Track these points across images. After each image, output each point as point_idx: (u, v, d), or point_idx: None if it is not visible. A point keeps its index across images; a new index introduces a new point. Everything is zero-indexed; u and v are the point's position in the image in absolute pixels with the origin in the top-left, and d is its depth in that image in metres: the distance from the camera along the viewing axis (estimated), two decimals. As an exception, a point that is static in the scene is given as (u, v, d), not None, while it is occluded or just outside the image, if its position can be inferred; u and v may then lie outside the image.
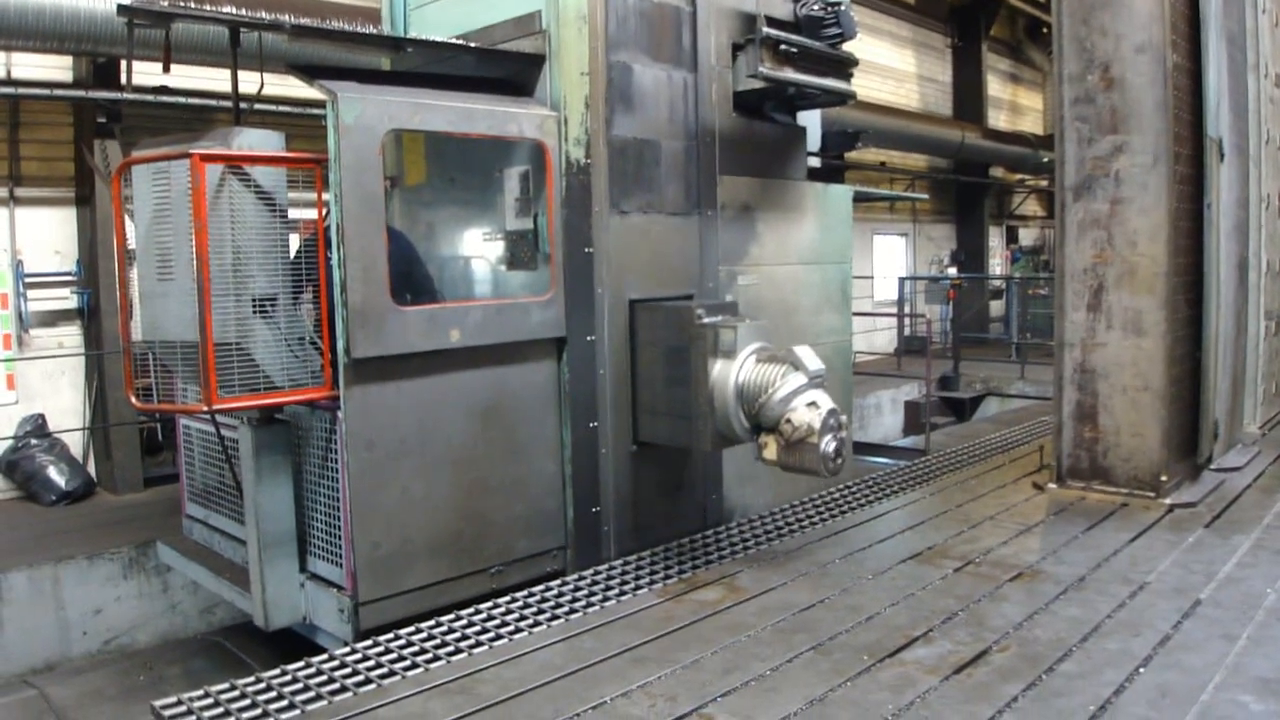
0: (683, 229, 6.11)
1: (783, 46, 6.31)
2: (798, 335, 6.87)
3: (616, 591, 4.75)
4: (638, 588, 4.78)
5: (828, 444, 4.98)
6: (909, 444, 12.46)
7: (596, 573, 5.06)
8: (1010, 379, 16.75)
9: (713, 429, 5.34)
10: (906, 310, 20.73)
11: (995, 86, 25.38)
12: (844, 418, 5.17)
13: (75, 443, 10.54)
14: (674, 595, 4.62)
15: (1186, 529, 5.34)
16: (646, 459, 5.92)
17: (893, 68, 21.78)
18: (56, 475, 9.95)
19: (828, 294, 7.16)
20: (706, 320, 5.40)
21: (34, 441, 10.10)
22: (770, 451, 5.19)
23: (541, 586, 4.85)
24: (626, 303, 5.77)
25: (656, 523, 5.96)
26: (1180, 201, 5.84)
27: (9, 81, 10.06)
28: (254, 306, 4.88)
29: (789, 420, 5.01)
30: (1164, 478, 5.82)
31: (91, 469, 10.63)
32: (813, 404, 5.02)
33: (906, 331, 20.35)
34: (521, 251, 5.87)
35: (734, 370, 5.26)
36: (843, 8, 6.69)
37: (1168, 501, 5.75)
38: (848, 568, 4.94)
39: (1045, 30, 24.35)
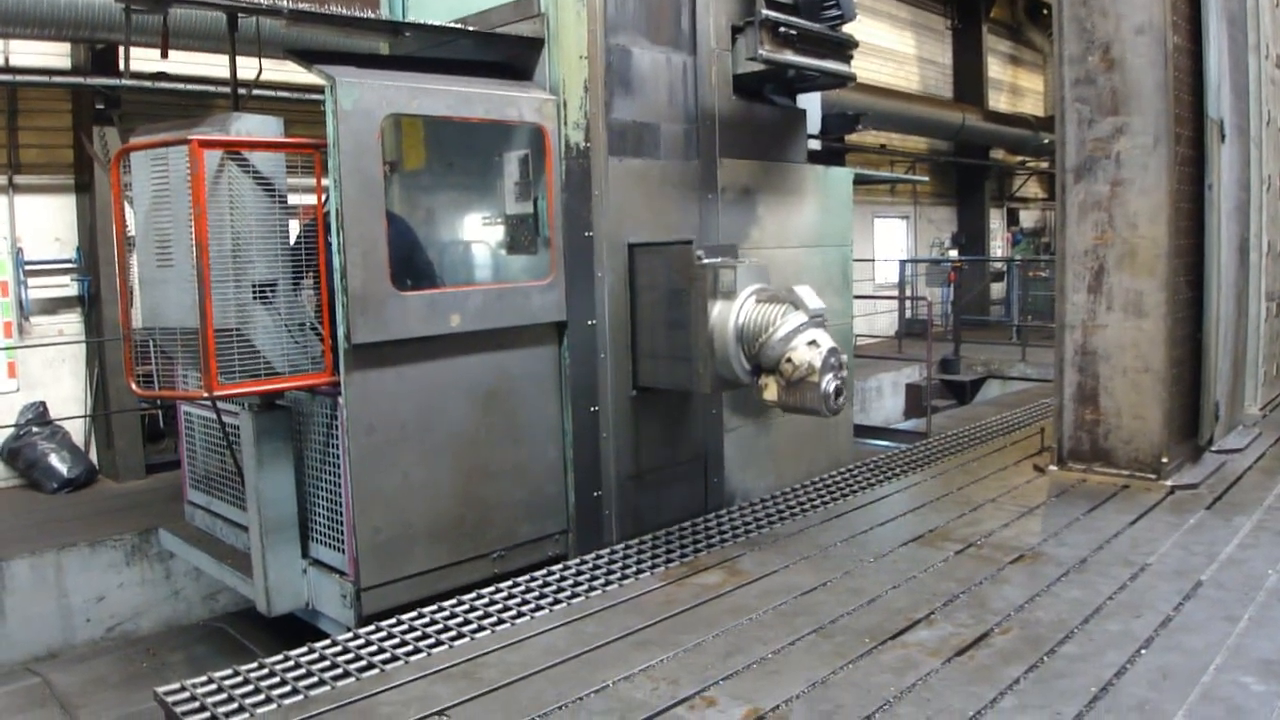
0: (683, 211, 6.10)
1: (782, 29, 6.28)
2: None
3: (618, 575, 4.75)
4: (639, 572, 4.79)
5: (828, 383, 4.97)
6: (910, 427, 12.48)
7: (598, 557, 5.06)
8: (1011, 361, 16.75)
9: (712, 371, 5.34)
10: (907, 293, 20.71)
11: (995, 68, 25.31)
12: (844, 357, 5.16)
13: (77, 430, 10.56)
14: (676, 579, 4.63)
15: (1188, 511, 5.34)
16: (648, 443, 5.92)
17: (893, 50, 21.70)
18: (58, 463, 9.97)
19: (829, 277, 7.15)
20: (706, 261, 5.39)
21: (35, 429, 10.12)
22: (770, 392, 5.18)
23: (544, 571, 4.85)
24: (626, 287, 5.78)
25: (658, 506, 5.97)
26: (1181, 183, 5.82)
27: (7, 69, 10.04)
28: (254, 292, 4.88)
29: (789, 359, 4.99)
30: (1165, 459, 5.82)
31: (93, 456, 10.65)
32: (813, 343, 5.01)
33: (907, 314, 20.34)
34: (521, 236, 5.86)
35: (734, 311, 5.24)
36: (842, -11, 6.66)
37: (1169, 483, 5.75)
38: (849, 550, 4.95)
39: (1045, 11, 24.24)
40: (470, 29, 5.65)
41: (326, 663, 3.91)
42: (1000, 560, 4.68)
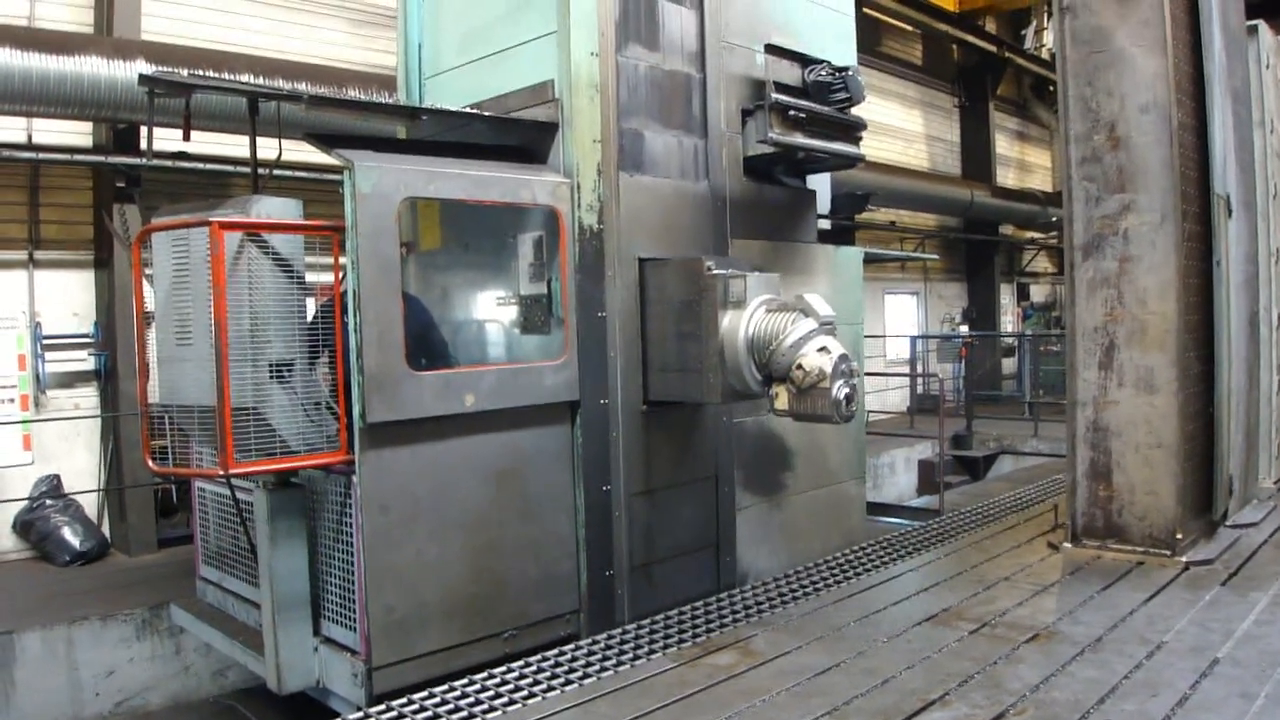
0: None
1: (791, 112, 6.41)
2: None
3: (630, 656, 4.72)
4: (651, 652, 4.75)
5: (839, 389, 4.96)
6: (923, 504, 12.40)
7: (610, 637, 5.03)
8: (1024, 436, 16.68)
9: (723, 382, 5.34)
10: (919, 369, 20.70)
11: (1003, 144, 25.57)
12: (855, 364, 5.14)
13: (90, 503, 10.57)
14: (688, 660, 4.59)
15: (1203, 587, 5.29)
16: (661, 521, 5.92)
17: (901, 128, 21.97)
18: (71, 536, 9.97)
19: (839, 354, 7.18)
20: (716, 271, 5.41)
21: (49, 502, 10.13)
22: (782, 401, 5.17)
23: (555, 651, 4.82)
24: (639, 367, 5.82)
25: (670, 586, 5.94)
26: (1189, 258, 5.86)
27: (30, 146, 10.21)
28: (271, 372, 4.93)
29: (800, 366, 4.98)
30: (1179, 535, 5.78)
31: (106, 530, 10.65)
32: (824, 349, 5.01)
33: (919, 390, 20.31)
34: (535, 315, 5.92)
35: (744, 320, 5.26)
36: (850, 73, 6.79)
37: (1184, 559, 5.71)
38: (863, 630, 4.91)
39: (1051, 88, 24.53)
40: (486, 114, 5.77)
41: (337, 744, 3.89)
42: (1015, 639, 4.64)
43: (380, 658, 4.88)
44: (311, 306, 5.33)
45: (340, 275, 5.05)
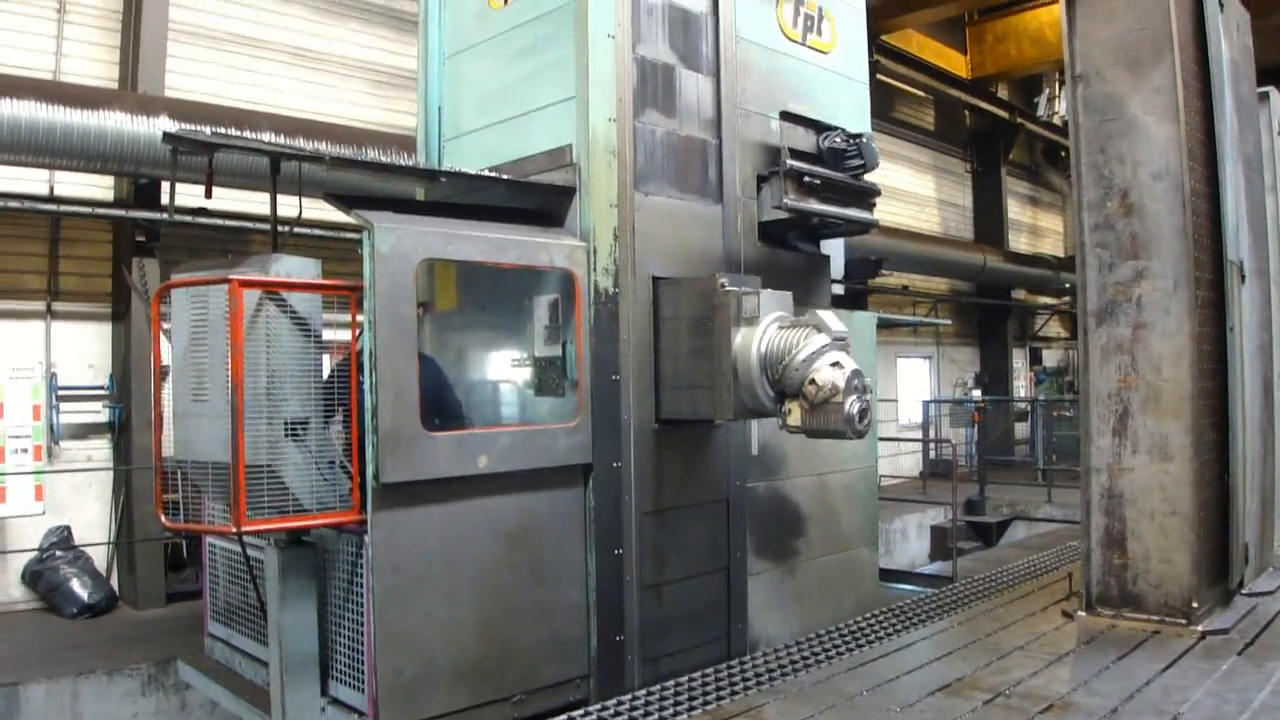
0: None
1: (806, 178, 6.46)
2: (823, 461, 6.89)
3: (640, 723, 4.68)
4: (662, 718, 4.71)
5: (852, 405, 4.93)
6: (936, 570, 12.29)
7: (620, 703, 4.98)
8: (1038, 502, 16.58)
9: (736, 398, 5.33)
10: (931, 433, 20.63)
11: (1015, 209, 25.71)
12: (868, 380, 5.11)
13: (100, 556, 10.57)
14: (699, 727, 4.55)
15: (1219, 657, 5.23)
16: (673, 587, 5.89)
17: (914, 193, 22.14)
18: (79, 588, 9.97)
19: (852, 419, 7.18)
20: (730, 288, 5.42)
21: (59, 553, 10.15)
22: (794, 417, 5.14)
23: (564, 716, 4.77)
24: (653, 432, 5.83)
25: (681, 652, 5.90)
26: (1203, 325, 5.86)
27: (52, 198, 10.37)
28: (286, 429, 4.94)
29: (813, 381, 4.95)
30: (1195, 604, 5.72)
31: (114, 582, 10.66)
32: (836, 364, 4.98)
33: (932, 455, 20.24)
34: (549, 378, 5.94)
35: (757, 337, 5.25)
36: (864, 139, 6.86)
37: (1200, 628, 5.64)
38: (875, 700, 4.85)
39: (1063, 154, 24.73)
40: (504, 177, 5.84)
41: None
42: (1029, 710, 4.58)
43: (388, 720, 4.85)
44: (327, 364, 5.35)
45: (357, 334, 5.08)
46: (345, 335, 5.19)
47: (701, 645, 6.05)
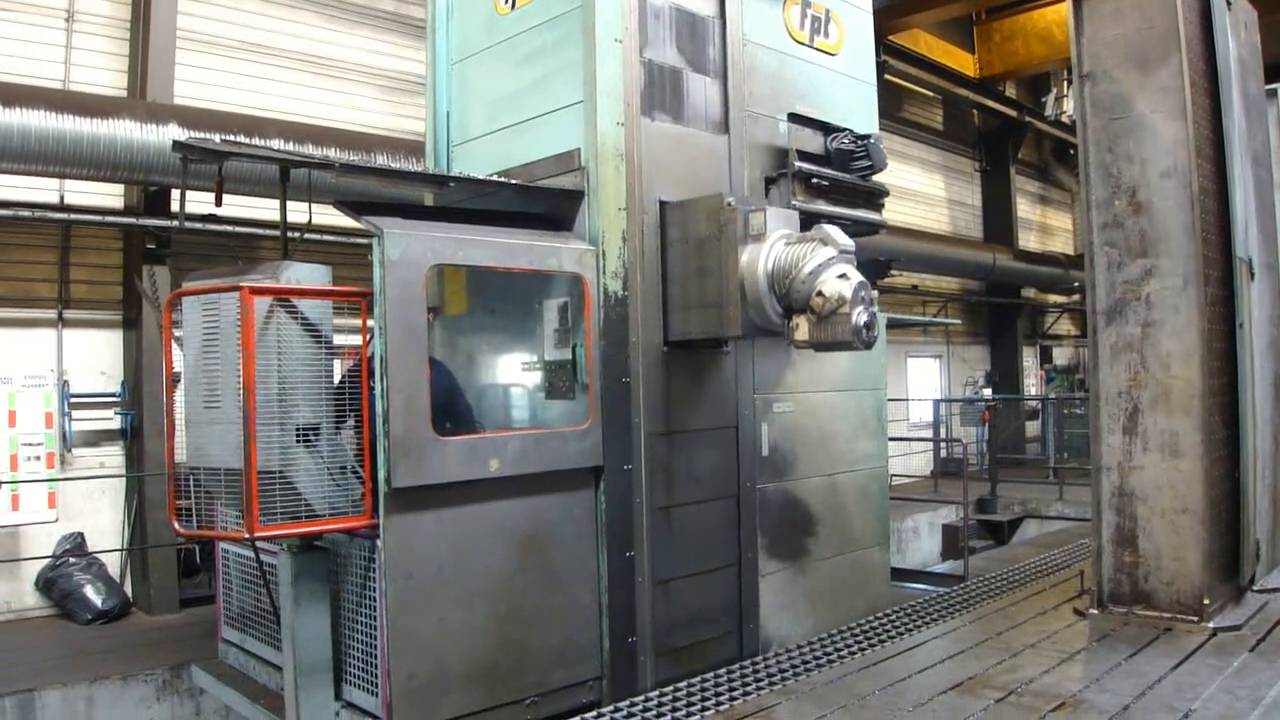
0: (719, 364, 6.21)
1: (814, 180, 6.48)
2: (834, 461, 6.90)
3: (653, 724, 4.69)
4: (674, 720, 4.73)
5: (859, 315, 4.93)
6: (947, 569, 12.27)
7: (632, 704, 4.99)
8: (1049, 500, 16.54)
9: (744, 316, 5.35)
10: (942, 432, 20.60)
11: (1024, 208, 25.65)
12: (875, 293, 5.11)
13: (113, 562, 10.60)
14: (711, 728, 4.56)
15: (1231, 653, 5.22)
16: (684, 589, 5.91)
17: (923, 192, 22.10)
18: (93, 594, 9.99)
19: (863, 420, 7.19)
20: (736, 206, 5.44)
21: (72, 560, 10.17)
22: (802, 332, 5.15)
23: (577, 718, 4.79)
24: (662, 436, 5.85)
25: (693, 653, 5.91)
26: (1212, 322, 5.85)
27: (62, 207, 10.39)
28: (298, 435, 4.97)
29: (820, 293, 4.96)
30: (1206, 601, 5.72)
31: (128, 589, 10.67)
32: (843, 276, 4.98)
33: (943, 454, 20.21)
34: (560, 381, 5.96)
35: (764, 253, 5.25)
36: (872, 140, 6.87)
37: (1211, 625, 5.64)
38: (887, 699, 4.86)
39: (1072, 152, 24.63)
40: (513, 181, 5.86)
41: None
42: (1041, 708, 4.58)
43: (402, 724, 4.86)
44: (338, 369, 5.38)
45: (367, 339, 5.10)
46: (356, 340, 5.21)
47: (713, 646, 6.06)
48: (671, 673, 5.68)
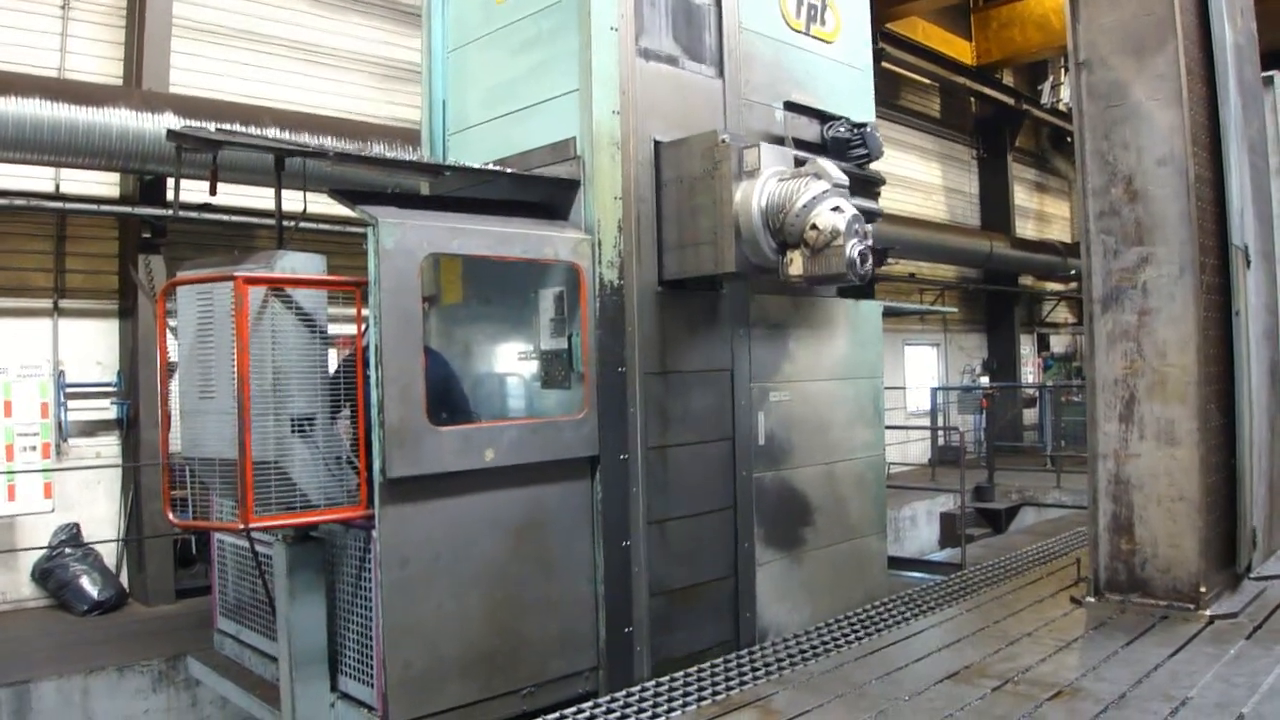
0: (715, 344, 6.19)
1: (810, 168, 6.45)
2: (831, 450, 6.89)
3: (649, 714, 4.68)
4: (670, 710, 4.71)
5: (853, 248, 4.93)
6: (945, 558, 12.28)
7: (629, 694, 4.99)
8: (1046, 488, 16.56)
9: (738, 251, 5.35)
10: (939, 420, 20.60)
11: (1021, 196, 25.64)
12: (868, 226, 5.10)
13: (109, 553, 10.59)
14: (708, 718, 4.56)
15: (1228, 641, 5.23)
16: (681, 577, 5.90)
17: (920, 180, 22.07)
18: (89, 585, 9.99)
19: (860, 409, 7.19)
20: (730, 142, 5.44)
21: (68, 550, 10.16)
22: (796, 266, 5.16)
23: (573, 708, 4.79)
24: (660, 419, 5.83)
25: (689, 642, 5.91)
26: (1208, 310, 5.85)
27: (57, 196, 10.36)
28: (292, 426, 4.95)
29: (814, 226, 4.97)
30: (1203, 589, 5.72)
31: (124, 579, 10.67)
32: (837, 209, 4.99)
33: (940, 442, 20.22)
34: (555, 370, 5.94)
35: (757, 190, 5.25)
36: (869, 129, 6.85)
37: (1208, 613, 5.64)
38: (884, 688, 4.86)
39: (1068, 139, 24.61)
40: (509, 170, 5.84)
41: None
42: (1038, 697, 4.58)
43: (398, 714, 4.86)
44: (333, 359, 5.36)
45: (362, 329, 5.08)
46: (351, 330, 5.19)
47: (710, 635, 6.06)
48: (668, 663, 5.68)
